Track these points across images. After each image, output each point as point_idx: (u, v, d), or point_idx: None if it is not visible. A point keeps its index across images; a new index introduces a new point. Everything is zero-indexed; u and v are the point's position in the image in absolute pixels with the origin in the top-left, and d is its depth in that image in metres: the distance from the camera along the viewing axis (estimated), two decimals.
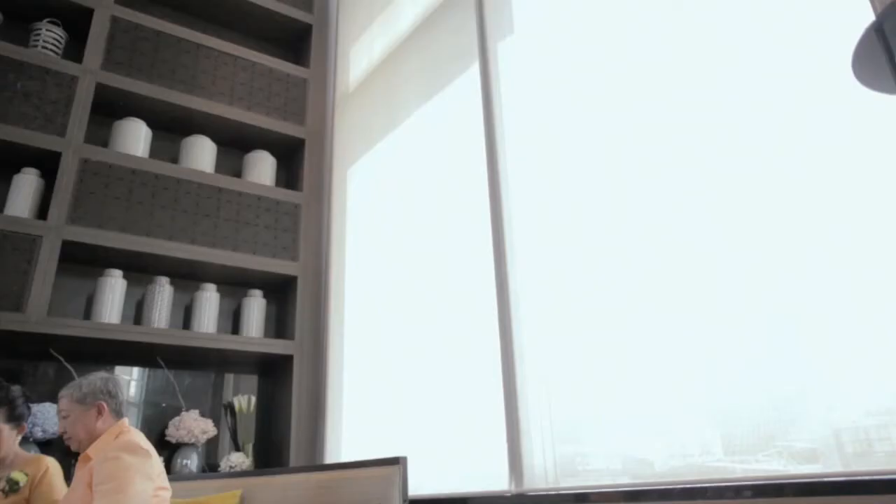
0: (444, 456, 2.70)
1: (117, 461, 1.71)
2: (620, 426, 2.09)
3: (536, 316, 2.45)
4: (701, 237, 1.92)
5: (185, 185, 3.57)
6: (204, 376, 3.70)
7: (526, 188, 2.63)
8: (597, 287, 2.23)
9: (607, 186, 2.28)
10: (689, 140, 2.03)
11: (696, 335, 1.88)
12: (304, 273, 3.80)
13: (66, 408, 1.92)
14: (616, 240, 2.20)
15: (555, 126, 2.56)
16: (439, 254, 3.00)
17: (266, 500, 2.26)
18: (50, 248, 3.08)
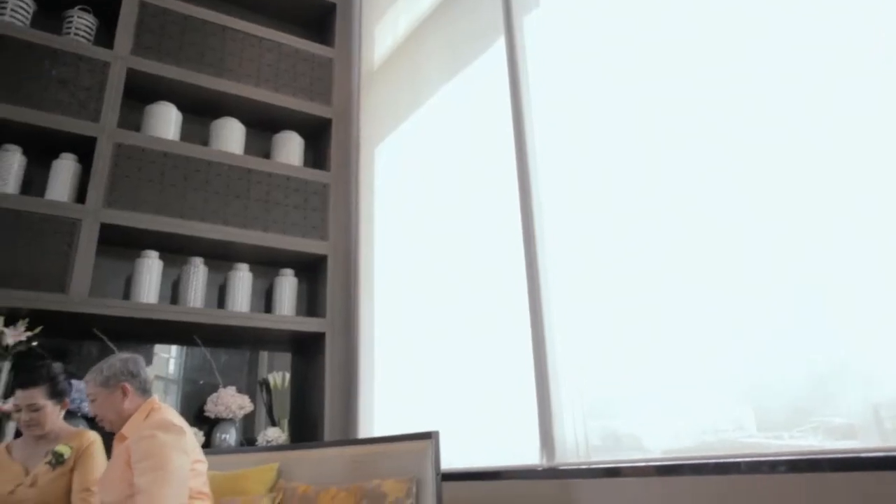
0: (474, 430, 2.74)
1: (153, 439, 1.77)
2: (651, 401, 2.09)
3: (566, 290, 2.45)
4: (730, 207, 1.89)
5: (216, 167, 3.62)
6: (239, 354, 3.80)
7: (554, 162, 2.61)
8: (627, 260, 2.22)
9: (636, 161, 2.25)
10: (717, 111, 1.98)
11: (729, 308, 1.86)
12: (334, 252, 3.85)
13: (92, 392, 1.96)
14: (644, 213, 2.17)
15: (583, 100, 2.52)
16: (468, 229, 3.01)
17: (302, 474, 2.33)
18: (89, 230, 3.17)
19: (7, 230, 3.01)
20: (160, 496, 1.69)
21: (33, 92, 3.27)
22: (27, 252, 3.02)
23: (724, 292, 1.88)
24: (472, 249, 2.96)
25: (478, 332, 2.84)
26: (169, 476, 1.71)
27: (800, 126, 1.75)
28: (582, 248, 2.41)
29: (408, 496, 1.94)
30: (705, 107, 2.03)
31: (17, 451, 2.18)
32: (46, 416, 2.14)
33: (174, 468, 1.73)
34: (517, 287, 2.61)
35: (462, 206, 3.09)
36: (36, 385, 2.15)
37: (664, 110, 2.17)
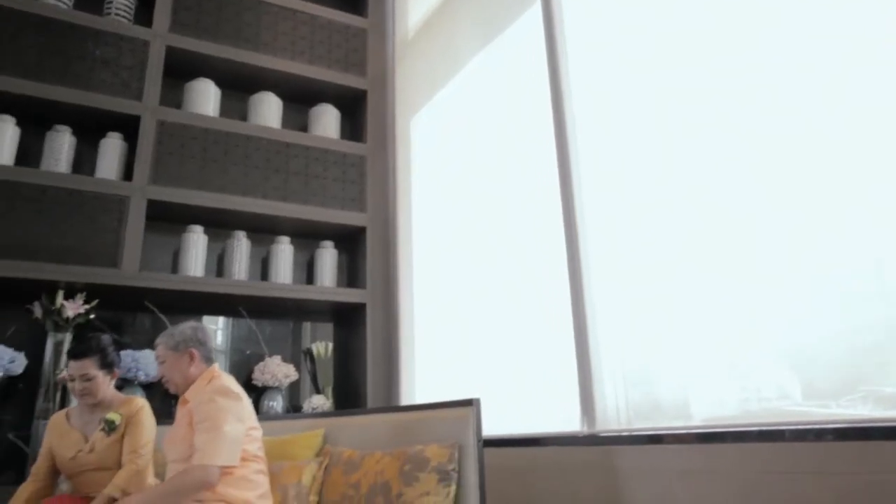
0: (515, 398, 2.77)
1: (212, 403, 1.87)
2: (694, 368, 2.07)
3: (606, 256, 2.43)
4: (784, 165, 1.83)
5: (255, 142, 3.68)
6: (283, 325, 3.90)
7: (594, 128, 2.56)
8: (670, 222, 2.18)
9: (681, 121, 2.19)
10: (767, 78, 1.91)
11: (775, 273, 1.82)
12: (373, 223, 3.89)
13: (161, 354, 2.08)
14: (690, 173, 2.12)
15: (623, 66, 2.46)
16: (506, 196, 2.99)
17: (347, 439, 2.40)
18: (137, 207, 3.27)
19: (61, 208, 3.13)
20: (213, 454, 1.79)
21: (79, 72, 3.35)
22: (81, 229, 3.15)
23: (772, 255, 1.83)
24: (510, 216, 2.95)
25: (517, 298, 2.84)
26: (222, 437, 1.81)
27: (870, 90, 1.68)
28: (623, 210, 2.38)
29: (450, 461, 1.99)
30: (755, 77, 1.96)
31: (74, 418, 2.31)
32: (98, 385, 2.24)
33: (228, 430, 1.82)
34: (556, 253, 2.60)
35: (499, 173, 3.07)
36: (87, 356, 2.25)
37: (712, 74, 2.11)
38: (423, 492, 1.94)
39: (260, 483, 1.92)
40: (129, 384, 3.17)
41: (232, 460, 1.81)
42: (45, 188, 3.13)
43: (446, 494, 1.95)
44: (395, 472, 2.02)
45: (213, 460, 1.79)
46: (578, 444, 2.35)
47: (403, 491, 1.97)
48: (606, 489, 2.17)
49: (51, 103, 3.28)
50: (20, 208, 3.05)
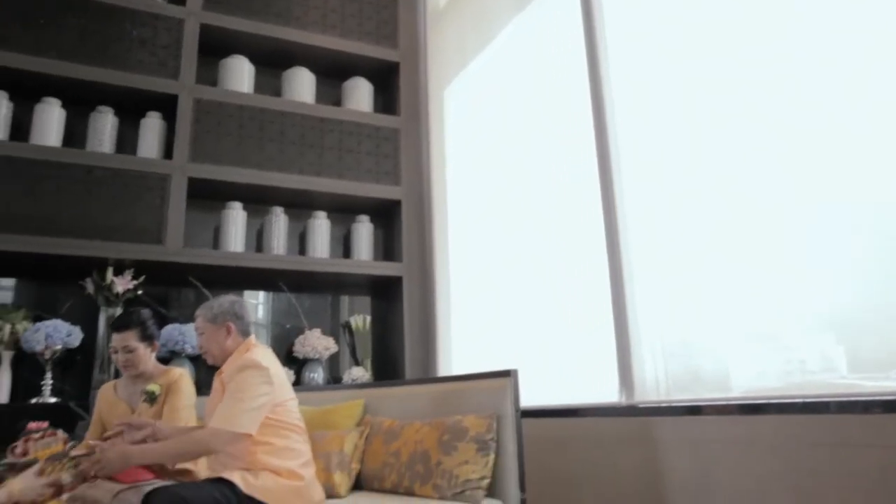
0: (551, 369, 2.78)
1: (240, 374, 1.94)
2: (734, 340, 2.04)
3: (645, 224, 2.39)
4: (825, 138, 1.77)
5: (290, 118, 3.70)
6: (322, 298, 3.98)
7: (631, 95, 2.51)
8: (711, 191, 2.13)
9: (718, 89, 2.12)
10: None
11: (820, 242, 1.77)
12: (408, 196, 3.90)
13: (200, 326, 2.14)
14: (731, 141, 2.07)
15: (662, 34, 2.38)
16: (541, 166, 2.96)
17: (386, 409, 2.45)
18: (178, 185, 3.35)
19: (107, 187, 3.23)
20: (228, 420, 1.86)
21: (118, 53, 3.42)
22: (126, 207, 3.24)
23: (816, 223, 1.78)
24: (545, 186, 2.93)
25: (553, 269, 2.83)
26: (241, 404, 1.88)
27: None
28: (663, 178, 2.33)
29: (488, 431, 2.02)
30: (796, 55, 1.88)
31: (121, 389, 2.41)
32: (139, 357, 2.32)
33: (248, 398, 1.89)
34: (593, 222, 2.57)
35: (534, 142, 3.04)
36: (128, 329, 2.33)
37: (745, 66, 2.03)
38: (462, 461, 1.98)
39: (302, 452, 1.98)
40: (177, 356, 3.29)
41: (249, 428, 1.86)
42: (92, 168, 3.23)
43: (485, 463, 1.99)
44: (435, 442, 2.07)
45: (227, 425, 1.85)
46: (616, 415, 2.35)
47: (442, 459, 2.01)
48: (645, 460, 2.18)
49: (93, 85, 3.36)
50: (69, 188, 3.16)
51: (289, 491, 1.87)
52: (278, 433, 1.95)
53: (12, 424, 2.74)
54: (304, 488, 1.90)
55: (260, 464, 1.89)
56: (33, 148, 3.18)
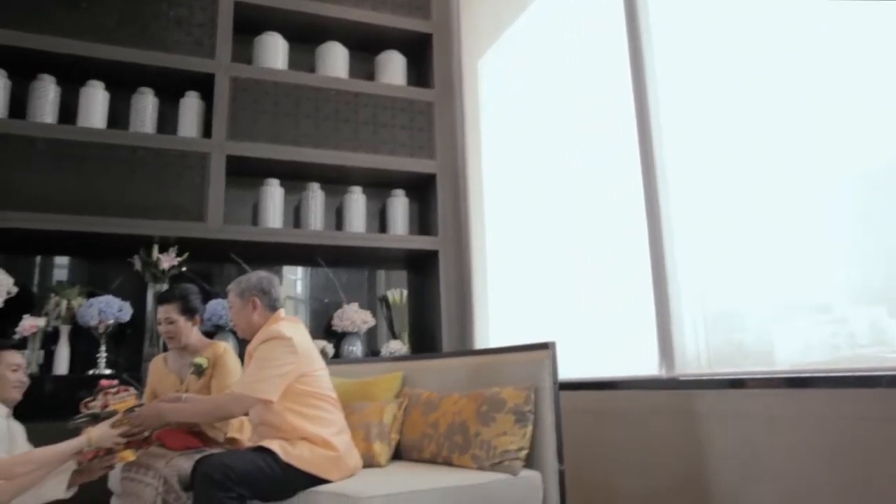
0: (590, 341, 2.77)
1: (264, 345, 2.03)
2: (779, 312, 2.00)
3: (686, 192, 2.34)
4: (883, 96, 1.68)
5: (324, 93, 3.72)
6: (359, 273, 4.02)
7: (672, 56, 2.43)
8: (755, 155, 2.06)
9: (763, 40, 2.04)
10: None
11: (870, 210, 1.70)
12: (442, 170, 3.89)
13: (231, 301, 2.22)
14: (780, 100, 1.99)
15: (698, 15, 2.30)
16: (578, 136, 2.91)
17: (425, 381, 2.48)
18: (217, 163, 3.41)
19: (150, 167, 3.31)
20: (251, 382, 1.95)
21: (156, 34, 3.47)
22: (169, 186, 3.33)
23: (866, 189, 1.71)
24: (583, 155, 2.88)
25: (591, 240, 2.80)
26: (263, 372, 1.96)
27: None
28: (703, 142, 2.27)
29: (526, 403, 2.03)
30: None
31: (171, 361, 2.51)
32: (180, 329, 2.41)
33: (271, 366, 1.96)
34: (632, 191, 2.52)
35: (571, 113, 2.98)
36: (170, 302, 2.42)
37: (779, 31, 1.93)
38: (501, 431, 2.00)
39: (334, 421, 2.04)
40: (221, 330, 3.39)
41: (269, 394, 1.93)
42: (135, 148, 3.31)
43: (523, 434, 2.00)
44: (473, 413, 2.09)
45: (248, 391, 1.94)
46: (656, 387, 2.33)
47: (481, 430, 2.03)
48: (686, 433, 2.16)
49: (133, 66, 3.42)
50: (114, 169, 3.25)
51: (325, 460, 1.92)
52: (309, 402, 2.01)
53: (72, 394, 2.89)
54: (340, 458, 1.96)
55: (295, 433, 1.95)
56: (81, 130, 3.28)
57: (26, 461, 1.69)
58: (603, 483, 2.51)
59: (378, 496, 1.71)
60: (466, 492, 1.83)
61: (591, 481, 2.54)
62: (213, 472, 1.77)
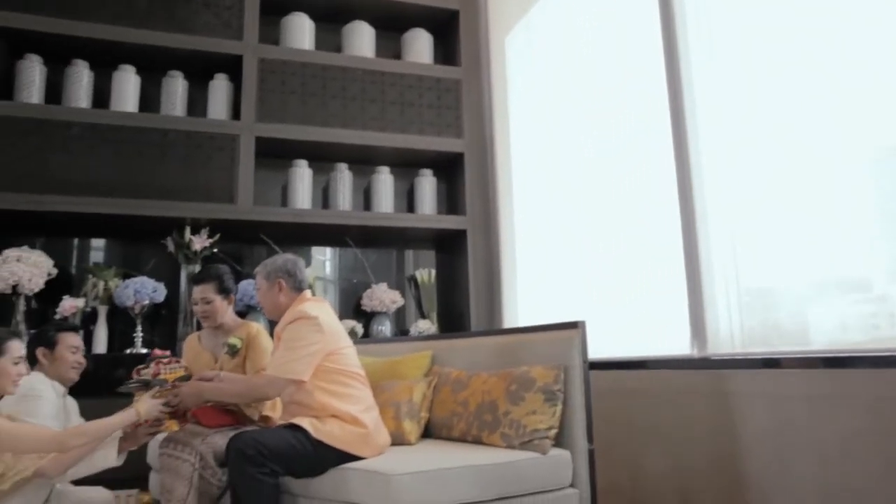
0: (619, 320, 2.74)
1: (290, 325, 2.06)
2: (817, 291, 1.94)
3: (720, 166, 2.28)
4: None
5: (351, 73, 3.71)
6: (387, 253, 4.04)
7: (706, 38, 2.35)
8: (792, 124, 2.00)
9: (786, 39, 1.96)
10: None
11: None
12: (470, 148, 3.86)
13: (258, 283, 2.26)
14: (817, 70, 1.91)
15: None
16: (609, 112, 2.85)
17: (454, 360, 2.49)
18: (246, 144, 3.44)
19: (181, 149, 3.36)
20: (282, 364, 1.98)
21: (185, 17, 3.49)
22: (199, 168, 3.37)
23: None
24: (613, 131, 2.82)
25: (621, 217, 2.76)
26: (293, 353, 1.99)
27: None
28: (738, 112, 2.20)
29: (556, 382, 2.02)
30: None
31: (205, 340, 2.56)
32: (215, 308, 2.45)
33: (299, 346, 2.00)
34: (663, 166, 2.47)
35: (601, 89, 2.92)
36: (206, 281, 2.47)
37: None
38: (530, 410, 2.00)
39: (363, 398, 2.06)
40: (252, 310, 3.44)
41: (301, 374, 1.97)
42: (167, 131, 3.36)
43: (552, 414, 2.00)
44: (502, 392, 2.09)
45: (280, 373, 1.98)
46: (688, 367, 2.30)
47: (510, 409, 2.03)
48: (718, 413, 2.13)
49: (164, 50, 3.46)
50: (147, 152, 3.31)
51: (354, 437, 1.95)
52: (337, 380, 2.03)
53: (111, 372, 2.98)
54: (369, 435, 1.98)
55: (325, 410, 1.98)
56: (114, 114, 3.34)
57: (80, 434, 1.76)
58: (633, 463, 2.49)
59: (408, 473, 1.73)
60: (496, 470, 1.84)
61: (620, 461, 2.53)
62: (247, 449, 1.81)
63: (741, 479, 2.05)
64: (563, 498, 1.93)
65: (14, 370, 1.72)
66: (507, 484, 1.84)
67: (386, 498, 1.70)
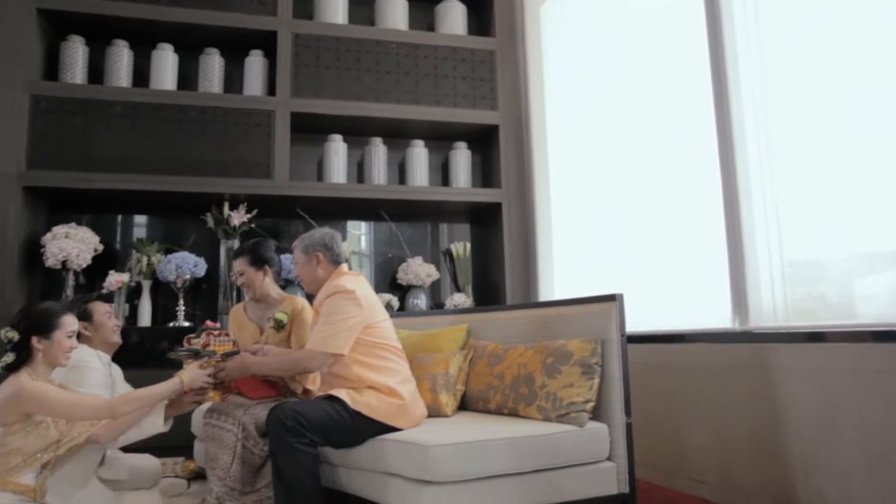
0: (657, 293, 2.69)
1: (328, 300, 2.08)
2: (865, 263, 1.87)
3: (763, 140, 2.20)
4: None
5: (384, 47, 3.68)
6: (421, 227, 4.04)
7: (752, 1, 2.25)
8: (838, 98, 1.91)
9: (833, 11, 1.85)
10: None
11: None
12: (505, 120, 3.81)
13: (296, 257, 2.29)
14: (866, 45, 1.82)
15: None
16: (647, 80, 2.77)
17: (490, 334, 2.49)
18: (282, 120, 3.47)
19: (219, 126, 3.40)
20: (322, 339, 2.01)
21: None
22: (237, 144, 3.42)
23: None
24: (652, 99, 2.74)
25: (660, 187, 2.69)
26: (332, 327, 2.01)
27: None
28: (784, 77, 2.11)
29: (593, 355, 2.00)
30: None
31: (250, 312, 2.61)
32: (251, 279, 2.50)
33: (338, 321, 2.02)
34: (704, 131, 2.39)
35: (640, 54, 2.83)
36: (240, 256, 2.52)
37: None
38: (567, 383, 1.99)
39: (399, 370, 2.08)
40: (291, 284, 3.49)
41: (341, 349, 2.00)
42: (205, 108, 3.40)
43: (589, 387, 1.98)
44: (538, 365, 2.08)
45: (321, 347, 2.00)
46: (729, 341, 2.26)
47: (547, 382, 2.03)
48: (760, 388, 2.09)
49: (200, 27, 3.49)
50: (186, 129, 3.37)
51: (391, 408, 1.97)
52: (374, 353, 2.06)
53: (155, 345, 3.08)
54: (406, 406, 2.00)
55: (362, 382, 2.01)
56: (154, 93, 3.40)
57: (129, 401, 1.83)
58: (671, 437, 2.47)
59: (445, 444, 1.74)
60: (533, 442, 1.84)
61: (658, 435, 2.51)
62: (286, 419, 1.85)
63: (783, 455, 2.01)
64: (600, 471, 1.92)
65: (67, 343, 1.78)
66: (543, 456, 1.84)
67: (423, 469, 1.72)
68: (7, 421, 1.65)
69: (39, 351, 1.73)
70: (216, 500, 2.09)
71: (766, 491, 2.07)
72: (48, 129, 3.21)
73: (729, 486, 2.21)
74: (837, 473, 1.83)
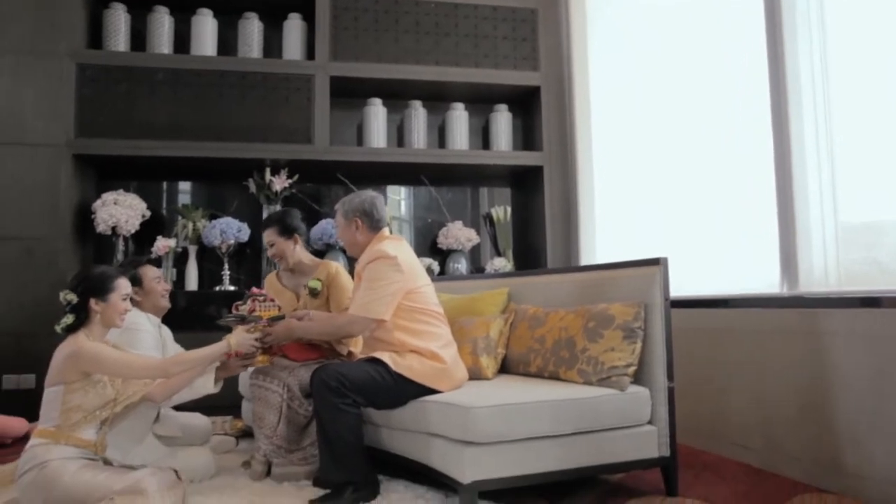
0: (702, 257, 2.62)
1: (370, 265, 2.10)
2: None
3: (820, 99, 2.09)
4: None
5: (424, 6, 3.61)
6: (461, 191, 4.02)
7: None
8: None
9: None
10: None
11: None
12: (547, 82, 3.72)
13: (337, 220, 2.31)
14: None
15: None
16: (697, 38, 2.65)
17: (531, 297, 2.48)
18: (321, 84, 3.46)
19: (258, 91, 3.42)
20: (365, 304, 2.04)
21: None
22: (276, 109, 3.43)
23: None
24: (702, 57, 2.63)
25: (707, 145, 2.60)
26: (374, 293, 2.03)
27: None
28: (839, 37, 1.99)
29: (635, 319, 1.97)
30: None
31: (285, 279, 2.65)
32: (280, 248, 2.53)
33: (380, 286, 2.04)
34: (755, 88, 2.29)
35: (689, 16, 2.70)
36: (268, 226, 2.55)
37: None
38: (608, 347, 1.97)
39: (441, 335, 2.10)
40: (331, 248, 3.54)
41: (383, 314, 2.02)
42: (244, 74, 3.42)
43: (631, 351, 1.96)
44: (580, 329, 2.07)
45: (363, 312, 2.03)
46: (777, 306, 2.19)
47: (588, 346, 2.02)
48: (808, 354, 2.03)
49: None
50: (226, 94, 3.39)
51: (433, 371, 1.99)
52: (416, 318, 2.07)
53: (202, 309, 3.17)
54: (447, 370, 2.02)
55: (404, 346, 2.03)
56: (195, 59, 3.43)
57: (180, 362, 1.90)
58: (714, 402, 2.44)
59: (486, 406, 1.76)
60: (573, 405, 1.84)
61: (701, 400, 2.48)
62: (329, 380, 1.89)
63: (831, 422, 1.96)
64: (641, 434, 1.92)
65: (122, 306, 1.85)
66: (583, 419, 1.84)
67: (464, 430, 1.74)
68: (68, 379, 1.73)
69: (97, 312, 1.79)
70: (264, 458, 2.17)
71: (811, 457, 2.03)
72: (94, 98, 3.28)
73: (772, 452, 2.18)
74: (889, 446, 1.78)
